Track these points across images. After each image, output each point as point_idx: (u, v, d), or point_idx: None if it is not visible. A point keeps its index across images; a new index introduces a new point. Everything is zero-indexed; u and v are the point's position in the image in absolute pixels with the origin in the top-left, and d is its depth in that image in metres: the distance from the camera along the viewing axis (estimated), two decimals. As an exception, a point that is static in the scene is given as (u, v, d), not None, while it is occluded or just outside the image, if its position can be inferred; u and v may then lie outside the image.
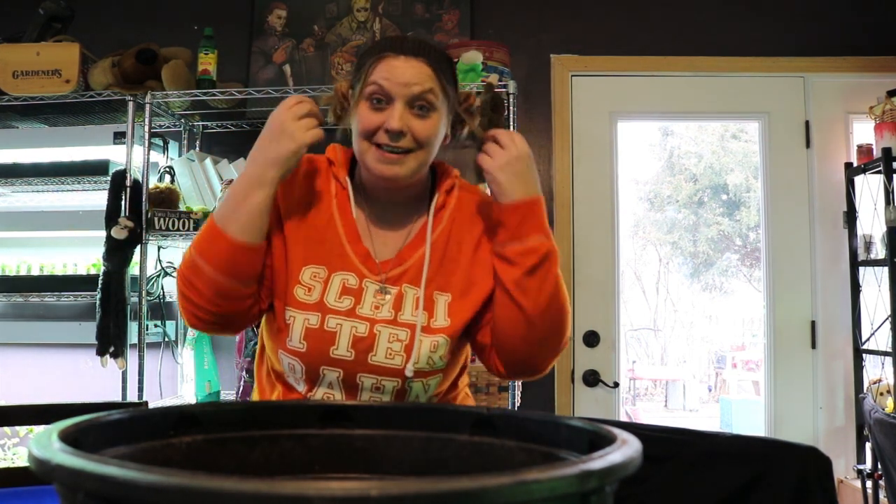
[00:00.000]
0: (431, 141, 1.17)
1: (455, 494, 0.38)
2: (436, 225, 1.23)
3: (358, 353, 1.15)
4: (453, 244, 1.23)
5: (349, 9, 2.91)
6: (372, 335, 1.15)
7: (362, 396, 1.18)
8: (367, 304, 1.17)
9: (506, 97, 2.36)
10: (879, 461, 2.25)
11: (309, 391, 1.19)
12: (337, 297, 1.17)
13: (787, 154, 2.83)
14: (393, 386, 1.17)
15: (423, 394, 1.20)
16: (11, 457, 2.75)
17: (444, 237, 1.23)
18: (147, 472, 0.39)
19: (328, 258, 1.19)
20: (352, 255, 1.20)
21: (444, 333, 1.17)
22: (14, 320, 2.91)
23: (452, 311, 1.18)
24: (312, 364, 1.16)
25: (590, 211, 2.82)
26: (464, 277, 1.21)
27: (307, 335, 1.15)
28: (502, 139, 1.17)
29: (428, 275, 1.19)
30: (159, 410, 0.67)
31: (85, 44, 2.62)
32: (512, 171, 1.15)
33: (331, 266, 1.18)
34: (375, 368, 1.16)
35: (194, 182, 2.64)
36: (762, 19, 2.85)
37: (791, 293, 2.79)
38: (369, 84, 1.15)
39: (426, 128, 1.15)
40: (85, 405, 1.47)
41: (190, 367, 2.61)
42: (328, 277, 1.18)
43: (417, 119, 1.14)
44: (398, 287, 1.19)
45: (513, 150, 1.16)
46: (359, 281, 1.18)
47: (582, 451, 0.61)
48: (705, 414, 6.87)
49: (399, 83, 1.13)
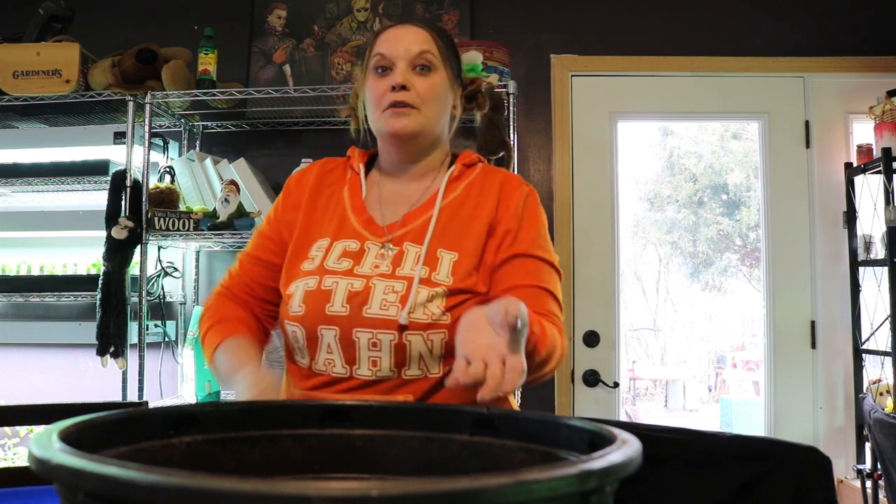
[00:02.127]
0: (436, 97, 1.22)
1: (455, 494, 0.38)
2: (448, 193, 1.25)
3: (353, 307, 1.13)
4: (468, 209, 1.23)
5: (349, 9, 2.91)
6: (367, 288, 1.14)
7: (360, 357, 1.13)
8: (368, 264, 1.17)
9: (506, 97, 2.36)
10: (879, 461, 2.25)
11: (311, 359, 1.17)
12: (336, 260, 1.18)
13: (787, 154, 2.83)
14: (390, 340, 1.12)
15: (428, 356, 1.13)
16: (11, 457, 2.75)
17: (456, 203, 1.24)
18: (147, 472, 0.39)
19: (332, 230, 1.23)
20: (355, 223, 1.23)
21: (444, 286, 1.14)
22: (14, 320, 2.91)
23: (457, 268, 1.16)
24: (311, 325, 1.15)
25: (590, 211, 2.82)
26: (473, 245, 1.19)
27: (306, 297, 1.16)
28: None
29: (434, 232, 1.19)
30: (159, 410, 0.67)
31: (85, 44, 2.62)
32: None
33: (334, 236, 1.22)
34: (370, 322, 1.12)
35: (194, 182, 2.64)
36: (762, 19, 2.85)
37: (791, 293, 2.79)
38: (374, 56, 1.23)
39: (428, 84, 1.21)
40: (85, 405, 1.47)
41: (190, 367, 2.61)
42: (330, 245, 1.21)
43: (419, 77, 1.21)
44: (400, 246, 1.19)
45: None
46: (360, 244, 1.20)
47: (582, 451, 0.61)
48: (705, 414, 6.87)
49: (399, 47, 1.21)
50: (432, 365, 1.14)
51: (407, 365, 1.14)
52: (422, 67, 1.21)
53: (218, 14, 2.95)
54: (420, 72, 1.21)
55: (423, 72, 1.21)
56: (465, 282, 1.15)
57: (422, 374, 1.14)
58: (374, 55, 1.23)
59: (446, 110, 1.26)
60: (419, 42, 1.22)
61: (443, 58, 1.23)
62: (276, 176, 2.75)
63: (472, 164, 1.30)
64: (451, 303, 1.14)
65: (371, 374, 1.14)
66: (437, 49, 1.23)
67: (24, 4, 2.81)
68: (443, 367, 1.15)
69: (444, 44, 1.25)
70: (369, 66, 1.24)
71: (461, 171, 1.28)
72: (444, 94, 1.24)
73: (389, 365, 1.13)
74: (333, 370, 1.16)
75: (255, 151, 2.87)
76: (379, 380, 1.14)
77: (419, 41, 1.22)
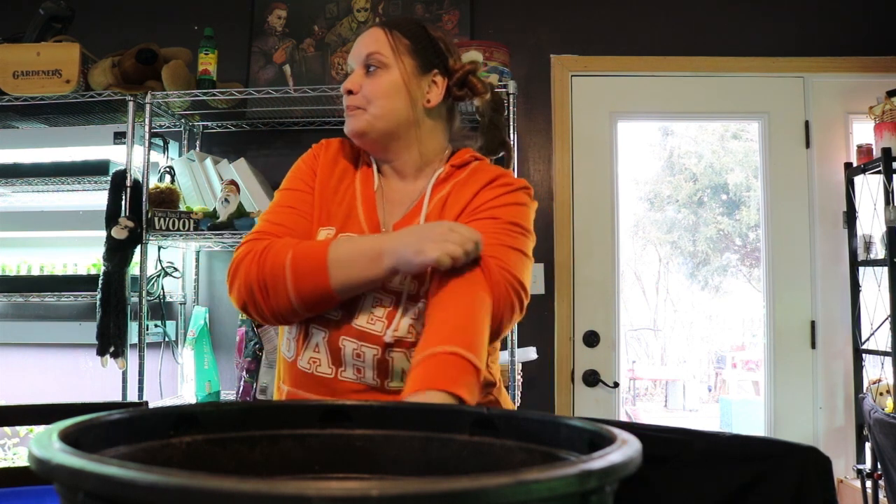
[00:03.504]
0: (383, 93, 1.24)
1: (455, 494, 0.38)
2: (434, 195, 1.25)
3: (345, 314, 1.15)
4: (448, 211, 1.23)
5: (349, 9, 2.91)
6: (359, 297, 1.15)
7: (346, 363, 1.16)
8: None
9: (506, 97, 2.36)
10: (879, 461, 2.25)
11: (297, 355, 1.19)
12: None
13: (787, 154, 2.84)
14: (373, 354, 1.14)
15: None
16: (11, 457, 2.75)
17: (439, 207, 1.24)
18: (147, 472, 0.39)
19: (340, 220, 1.23)
20: (361, 218, 1.24)
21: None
22: (14, 320, 2.91)
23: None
24: (304, 321, 1.18)
25: (590, 211, 2.83)
26: None
27: None
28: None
29: None
30: (159, 410, 0.67)
31: (85, 44, 2.62)
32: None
33: (340, 227, 1.22)
34: (357, 333, 1.14)
35: (194, 182, 2.64)
36: (762, 19, 2.85)
37: (791, 293, 2.79)
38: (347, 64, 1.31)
39: (372, 84, 1.24)
40: (85, 405, 1.47)
41: (190, 367, 2.61)
42: (335, 237, 1.21)
43: (368, 78, 1.25)
44: None
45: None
46: None
47: (582, 451, 0.61)
48: (705, 414, 6.87)
49: (355, 53, 1.28)
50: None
51: (390, 378, 1.16)
52: (369, 67, 1.25)
53: (218, 14, 2.95)
54: (368, 72, 1.25)
55: (370, 71, 1.25)
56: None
57: (404, 385, 1.15)
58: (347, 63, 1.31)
59: (403, 105, 1.25)
60: (368, 44, 1.26)
61: (397, 54, 1.25)
62: (276, 176, 2.72)
63: (463, 164, 1.29)
64: None
65: (356, 380, 1.16)
66: (390, 46, 1.25)
67: (24, 4, 2.81)
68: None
69: (402, 39, 1.26)
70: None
71: (449, 173, 1.27)
72: (395, 89, 1.24)
73: (373, 375, 1.16)
74: (318, 369, 1.17)
75: (255, 151, 2.87)
76: (364, 386, 1.16)
77: (369, 43, 1.26)
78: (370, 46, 1.25)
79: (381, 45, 1.25)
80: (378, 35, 1.26)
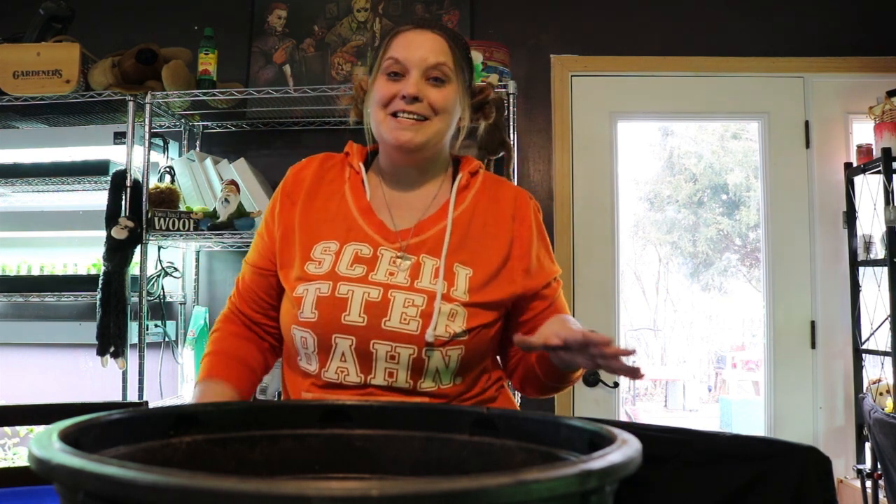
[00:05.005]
0: (447, 109, 1.19)
1: (455, 494, 0.38)
2: (458, 203, 1.24)
3: (371, 318, 1.12)
4: (477, 225, 1.22)
5: (349, 9, 2.91)
6: (386, 300, 1.12)
7: (377, 367, 1.13)
8: (382, 271, 1.15)
9: (506, 97, 2.36)
10: (879, 461, 2.25)
11: (322, 367, 1.15)
12: (349, 265, 1.16)
13: (787, 154, 2.83)
14: (409, 354, 1.12)
15: (443, 370, 1.14)
16: (11, 457, 2.75)
17: (467, 216, 1.23)
18: (147, 472, 0.39)
19: (340, 233, 1.20)
20: (365, 227, 1.20)
21: (460, 302, 1.14)
22: (14, 320, 2.91)
23: (472, 284, 1.16)
24: (324, 333, 1.13)
25: (590, 211, 2.82)
26: (488, 259, 1.19)
27: (318, 303, 1.13)
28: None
29: (450, 246, 1.18)
30: (159, 410, 0.67)
31: (85, 44, 2.62)
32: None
33: (343, 239, 1.19)
34: (390, 335, 1.11)
35: (194, 182, 2.64)
36: (762, 19, 2.85)
37: (791, 293, 2.79)
38: (386, 59, 1.20)
39: (441, 96, 1.18)
40: (85, 405, 1.47)
41: (190, 367, 2.61)
42: (340, 249, 1.18)
43: (433, 88, 1.18)
44: (416, 257, 1.17)
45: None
46: (373, 250, 1.18)
47: (582, 451, 0.61)
48: (705, 414, 6.87)
49: (415, 55, 1.18)
50: (445, 378, 1.16)
51: (422, 378, 1.14)
52: (436, 79, 1.18)
53: (218, 14, 2.95)
54: (434, 82, 1.18)
55: (437, 83, 1.18)
56: (479, 297, 1.16)
57: (435, 386, 1.15)
58: (387, 57, 1.20)
59: (454, 122, 1.24)
60: (436, 52, 1.18)
61: (457, 69, 1.20)
62: (276, 176, 2.72)
63: (475, 171, 1.29)
64: (468, 319, 1.15)
65: (386, 385, 1.14)
66: (453, 60, 1.20)
67: (24, 4, 2.81)
68: (455, 380, 1.18)
69: (460, 54, 1.22)
70: (381, 67, 1.20)
71: (468, 180, 1.27)
72: (455, 106, 1.22)
73: (406, 377, 1.14)
74: (346, 378, 1.14)
75: (255, 151, 2.87)
76: (394, 389, 1.14)
77: (436, 51, 1.18)
78: (438, 55, 1.18)
79: (447, 56, 1.19)
80: (443, 45, 1.19)
